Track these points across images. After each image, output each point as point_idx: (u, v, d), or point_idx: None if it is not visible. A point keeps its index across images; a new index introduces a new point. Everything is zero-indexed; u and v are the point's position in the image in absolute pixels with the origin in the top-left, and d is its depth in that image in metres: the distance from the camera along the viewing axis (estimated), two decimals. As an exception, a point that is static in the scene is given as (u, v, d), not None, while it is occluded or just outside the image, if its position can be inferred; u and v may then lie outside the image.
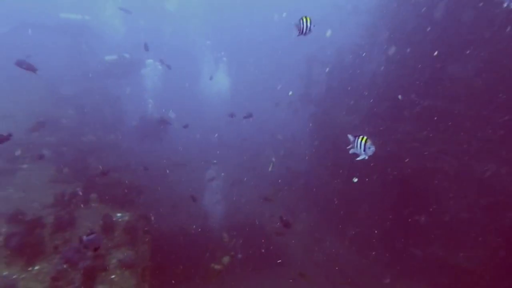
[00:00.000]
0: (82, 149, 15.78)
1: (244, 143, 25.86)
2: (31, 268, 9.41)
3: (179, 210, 17.16)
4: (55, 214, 11.26)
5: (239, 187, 21.11)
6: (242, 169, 24.61)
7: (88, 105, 21.03)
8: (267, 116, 28.94)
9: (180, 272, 13.43)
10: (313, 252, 16.56)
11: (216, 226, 16.95)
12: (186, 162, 22.03)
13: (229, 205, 18.77)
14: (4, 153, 15.22)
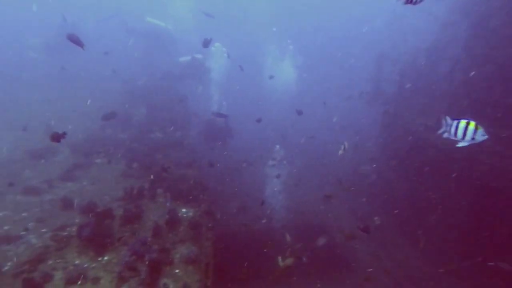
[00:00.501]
0: (150, 146, 16.19)
1: (310, 142, 25.21)
2: (101, 258, 9.69)
3: (242, 208, 17.10)
4: (124, 207, 11.56)
5: (303, 186, 20.62)
6: (306, 168, 24.10)
7: (159, 104, 21.70)
8: (335, 113, 27.96)
9: (242, 271, 13.27)
10: (381, 258, 15.68)
11: (279, 226, 16.64)
12: (250, 160, 21.91)
13: (292, 205, 18.38)
14: (81, 148, 16.08)
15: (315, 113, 28.87)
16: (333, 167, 23.20)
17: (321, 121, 28.92)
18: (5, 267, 9.10)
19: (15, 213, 11.42)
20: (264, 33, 37.65)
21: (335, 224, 17.64)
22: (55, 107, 21.39)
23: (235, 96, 27.27)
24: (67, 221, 11.05)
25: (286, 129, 28.71)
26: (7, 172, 13.90)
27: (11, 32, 33.87)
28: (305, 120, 23.46)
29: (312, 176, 23.29)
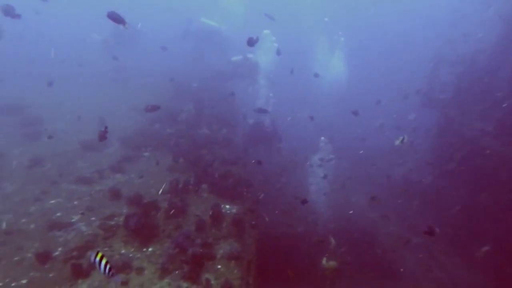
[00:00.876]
0: (196, 142, 16.34)
1: (360, 143, 24.33)
2: (145, 249, 9.83)
3: (286, 208, 16.84)
4: (169, 200, 11.69)
5: (351, 188, 20.01)
6: (354, 170, 23.37)
7: (207, 102, 21.91)
8: (388, 114, 26.82)
9: (284, 271, 13.03)
10: (431, 269, 14.87)
11: (322, 229, 16.23)
12: (296, 160, 21.54)
13: (338, 207, 17.89)
14: (131, 141, 16.52)
15: (366, 113, 27.93)
16: (383, 169, 22.31)
17: (372, 121, 27.85)
18: (56, 252, 9.45)
19: (67, 201, 11.87)
20: (316, 24, 36.75)
21: (383, 228, 16.97)
22: (107, 101, 22.16)
23: (282, 93, 26.77)
24: (115, 211, 11.33)
25: (333, 129, 27.94)
26: (62, 162, 14.52)
27: (74, 30, 35.74)
28: (355, 120, 22.80)
29: (360, 178, 22.57)
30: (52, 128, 17.48)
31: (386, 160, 23.75)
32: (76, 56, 27.55)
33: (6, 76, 23.07)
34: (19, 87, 22.54)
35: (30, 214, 11.05)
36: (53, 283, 8.31)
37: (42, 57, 25.60)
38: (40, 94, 20.64)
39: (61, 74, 23.52)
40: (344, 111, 19.79)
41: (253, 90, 25.44)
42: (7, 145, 15.49)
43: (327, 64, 30.26)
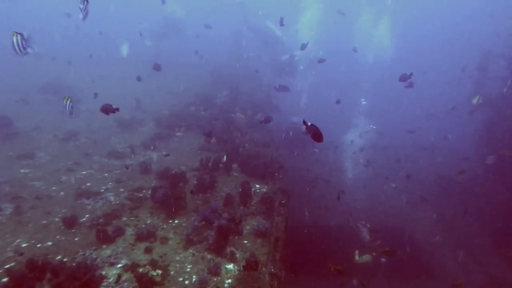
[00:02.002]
0: (230, 124, 16.07)
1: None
2: (171, 221, 9.61)
3: (319, 197, 16.25)
4: (197, 176, 11.45)
5: (390, 187, 18.95)
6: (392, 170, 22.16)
7: (244, 90, 21.66)
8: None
9: (314, 260, 12.48)
10: (471, 270, 13.84)
11: (358, 224, 15.38)
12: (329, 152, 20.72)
13: (376, 205, 16.94)
14: (165, 121, 16.49)
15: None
16: (422, 169, 21.05)
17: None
18: (83, 218, 9.39)
19: (98, 173, 11.89)
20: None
21: (421, 228, 15.95)
22: (146, 86, 22.25)
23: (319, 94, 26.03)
24: (144, 184, 11.22)
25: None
26: (97, 137, 14.64)
27: (125, 19, 36.47)
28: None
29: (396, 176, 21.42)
30: (90, 107, 17.78)
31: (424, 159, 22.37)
32: (132, 55, 28.06)
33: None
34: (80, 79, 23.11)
35: (61, 182, 11.13)
36: (78, 246, 8.21)
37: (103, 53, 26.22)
38: (92, 83, 21.08)
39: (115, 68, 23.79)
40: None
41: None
42: (45, 120, 15.84)
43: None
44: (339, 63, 29.88)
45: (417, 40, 36.53)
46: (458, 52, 28.68)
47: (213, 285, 7.42)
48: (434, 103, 24.78)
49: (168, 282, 7.45)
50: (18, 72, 22.33)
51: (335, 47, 22.08)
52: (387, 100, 28.45)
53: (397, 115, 25.95)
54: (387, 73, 29.07)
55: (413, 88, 14.58)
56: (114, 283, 7.21)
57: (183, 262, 8.10)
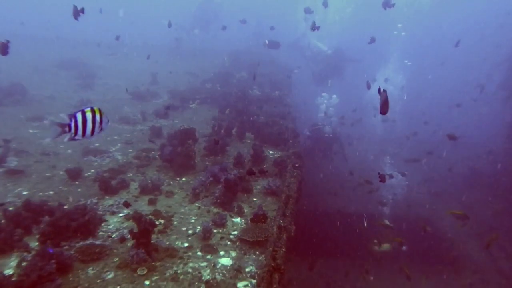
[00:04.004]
0: (246, 98, 15.56)
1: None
2: (179, 179, 9.20)
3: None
4: (210, 141, 11.00)
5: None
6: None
7: (262, 71, 21.09)
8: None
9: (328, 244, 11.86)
10: (496, 258, 12.91)
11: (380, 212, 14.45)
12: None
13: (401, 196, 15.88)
14: (180, 94, 16.15)
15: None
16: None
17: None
18: (88, 173, 9.08)
19: (108, 136, 11.59)
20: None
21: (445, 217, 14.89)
22: (165, 67, 22.01)
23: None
24: (154, 147, 10.84)
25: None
26: (109, 106, 14.41)
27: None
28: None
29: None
30: (104, 81, 17.65)
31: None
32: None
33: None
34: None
35: (69, 142, 10.83)
36: (80, 196, 7.88)
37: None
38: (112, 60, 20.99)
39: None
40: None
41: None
42: (59, 91, 15.72)
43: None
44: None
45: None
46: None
47: (218, 235, 6.95)
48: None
49: (171, 231, 7.02)
50: (39, 50, 22.47)
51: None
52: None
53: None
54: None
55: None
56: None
57: (188, 214, 7.66)
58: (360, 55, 25.87)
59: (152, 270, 5.79)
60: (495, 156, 18.29)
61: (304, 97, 23.69)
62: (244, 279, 5.87)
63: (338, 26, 31.98)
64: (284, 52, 26.74)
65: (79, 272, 5.62)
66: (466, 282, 11.83)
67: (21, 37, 23.21)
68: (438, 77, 32.91)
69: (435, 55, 33.73)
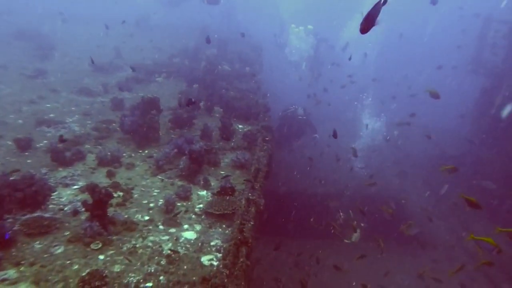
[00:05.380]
0: (215, 73, 14.90)
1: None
2: (141, 152, 8.58)
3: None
4: (174, 114, 10.39)
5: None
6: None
7: (233, 49, 20.32)
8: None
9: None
10: (462, 236, 13.00)
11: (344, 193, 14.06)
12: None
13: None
14: (145, 68, 15.29)
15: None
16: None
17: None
18: (40, 144, 8.32)
19: (64, 107, 10.76)
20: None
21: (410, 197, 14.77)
22: (130, 43, 20.86)
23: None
24: (115, 119, 10.12)
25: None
26: (68, 78, 13.47)
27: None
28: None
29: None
30: (64, 52, 16.53)
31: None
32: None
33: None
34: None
35: (20, 112, 10.01)
36: (29, 167, 7.15)
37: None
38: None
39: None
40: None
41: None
42: (13, 61, 14.55)
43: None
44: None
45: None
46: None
47: (182, 209, 6.44)
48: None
49: (130, 203, 6.46)
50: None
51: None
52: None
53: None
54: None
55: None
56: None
57: (150, 186, 7.12)
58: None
59: (107, 244, 5.26)
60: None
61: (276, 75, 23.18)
62: (209, 253, 5.44)
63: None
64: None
65: (24, 247, 5.03)
66: (432, 259, 11.88)
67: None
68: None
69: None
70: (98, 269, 4.72)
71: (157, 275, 4.83)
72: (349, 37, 26.69)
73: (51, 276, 4.54)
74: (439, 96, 10.21)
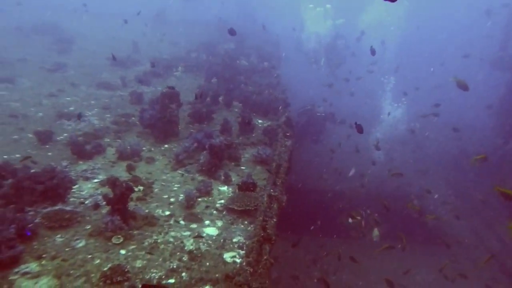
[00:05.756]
0: (233, 68, 14.72)
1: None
2: (160, 146, 8.49)
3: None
4: (193, 108, 10.27)
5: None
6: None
7: (251, 44, 20.13)
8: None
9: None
10: (484, 237, 12.62)
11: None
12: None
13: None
14: (162, 63, 15.22)
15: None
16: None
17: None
18: (60, 136, 8.29)
19: (84, 100, 10.73)
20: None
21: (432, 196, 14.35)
22: (148, 38, 20.84)
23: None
24: (134, 112, 10.05)
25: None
26: (87, 71, 13.48)
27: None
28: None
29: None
30: (82, 46, 16.59)
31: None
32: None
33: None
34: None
35: (41, 105, 10.01)
36: (50, 160, 7.10)
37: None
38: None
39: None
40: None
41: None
42: (33, 54, 14.64)
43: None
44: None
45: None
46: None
47: (203, 204, 6.32)
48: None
49: (151, 198, 6.36)
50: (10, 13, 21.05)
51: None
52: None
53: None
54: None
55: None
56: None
57: (170, 181, 7.01)
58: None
59: (129, 239, 5.17)
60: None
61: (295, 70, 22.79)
62: (232, 250, 5.30)
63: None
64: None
65: (45, 240, 4.95)
66: (452, 258, 11.56)
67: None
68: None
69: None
70: (120, 264, 4.62)
71: (179, 271, 4.71)
72: (369, 20, 26.37)
73: (72, 271, 4.45)
74: (467, 88, 9.55)
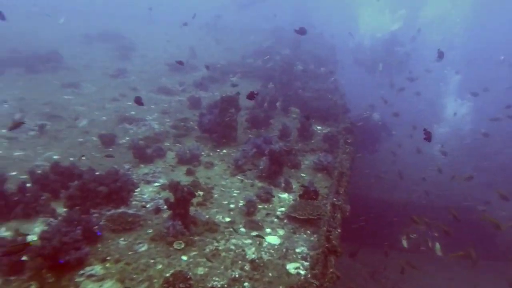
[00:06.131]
0: (290, 73, 14.47)
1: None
2: (219, 151, 8.40)
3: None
4: (251, 113, 10.13)
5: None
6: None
7: (306, 49, 19.87)
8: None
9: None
10: None
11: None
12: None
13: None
14: (220, 68, 15.33)
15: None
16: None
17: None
18: (122, 140, 8.44)
19: (144, 105, 10.89)
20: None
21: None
22: (203, 42, 21.22)
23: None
24: (192, 117, 10.09)
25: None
26: (146, 77, 13.83)
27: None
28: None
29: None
30: (142, 52, 17.09)
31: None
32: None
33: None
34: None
35: (104, 109, 10.31)
36: (113, 163, 7.20)
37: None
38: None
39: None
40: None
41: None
42: (96, 60, 15.28)
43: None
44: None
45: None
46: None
47: (263, 211, 6.10)
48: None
49: (211, 204, 6.23)
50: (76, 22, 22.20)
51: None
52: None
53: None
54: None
55: None
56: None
57: (229, 187, 6.87)
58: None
59: (190, 245, 5.04)
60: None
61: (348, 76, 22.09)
62: (295, 261, 5.01)
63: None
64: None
65: (109, 242, 4.94)
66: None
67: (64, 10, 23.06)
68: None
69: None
70: (182, 270, 4.49)
71: (242, 281, 4.50)
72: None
73: (135, 275, 4.37)
74: None
